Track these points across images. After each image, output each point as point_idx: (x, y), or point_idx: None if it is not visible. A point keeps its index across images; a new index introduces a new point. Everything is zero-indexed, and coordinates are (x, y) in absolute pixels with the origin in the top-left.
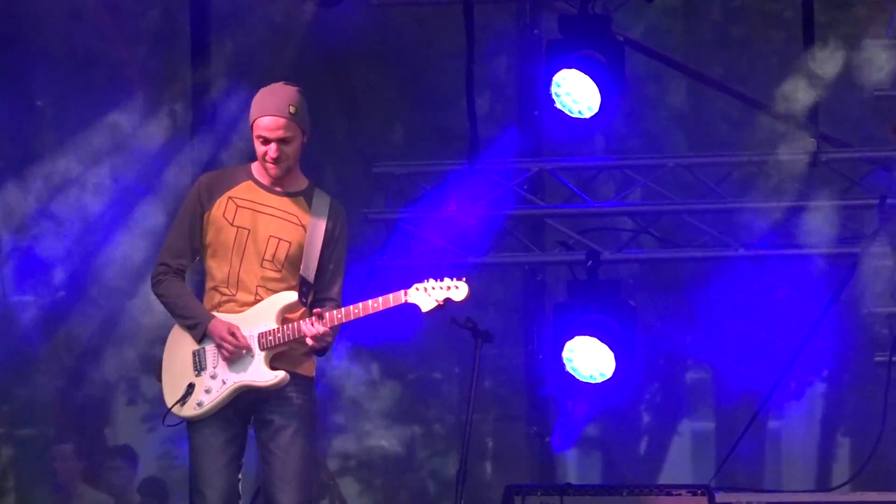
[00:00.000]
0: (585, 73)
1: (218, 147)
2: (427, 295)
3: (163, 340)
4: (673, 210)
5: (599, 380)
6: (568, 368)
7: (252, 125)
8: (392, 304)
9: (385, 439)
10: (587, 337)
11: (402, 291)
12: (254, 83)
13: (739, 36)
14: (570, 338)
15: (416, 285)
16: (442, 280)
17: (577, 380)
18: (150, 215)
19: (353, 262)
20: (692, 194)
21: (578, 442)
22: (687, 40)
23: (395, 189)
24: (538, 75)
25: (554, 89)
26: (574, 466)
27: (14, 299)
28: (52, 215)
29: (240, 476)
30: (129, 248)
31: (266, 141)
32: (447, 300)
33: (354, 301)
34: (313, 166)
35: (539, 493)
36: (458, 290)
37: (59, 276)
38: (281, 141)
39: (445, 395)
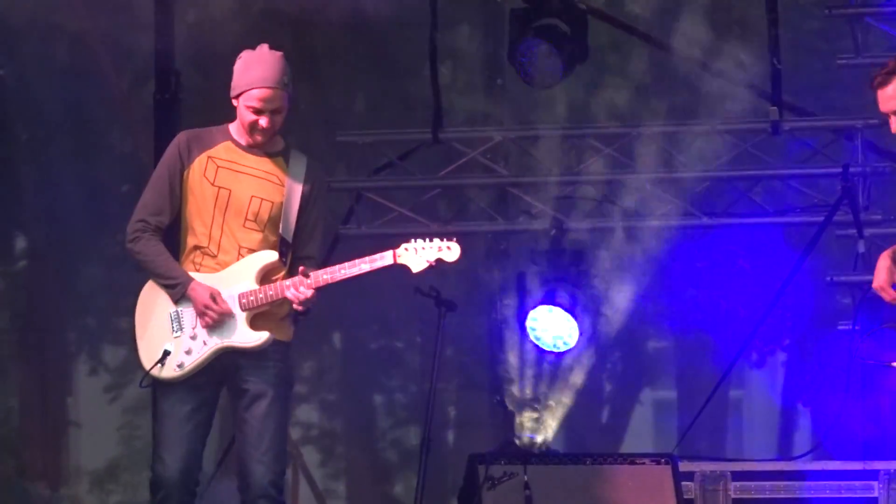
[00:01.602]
0: (548, 42)
1: (183, 113)
2: (417, 255)
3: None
4: (636, 179)
5: (563, 349)
6: (531, 337)
7: (241, 94)
8: (381, 265)
9: (347, 409)
10: (550, 306)
11: (392, 252)
12: (217, 52)
13: (701, 4)
14: (534, 307)
15: (404, 245)
16: (431, 240)
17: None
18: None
19: None
20: (655, 163)
21: (541, 411)
22: (649, 8)
23: (358, 158)
24: (501, 44)
25: (516, 58)
26: (535, 434)
27: None
28: (14, 184)
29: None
30: None
31: (258, 112)
32: (438, 261)
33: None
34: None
35: (502, 462)
36: (450, 251)
37: (19, 244)
38: (273, 112)
39: (408, 364)
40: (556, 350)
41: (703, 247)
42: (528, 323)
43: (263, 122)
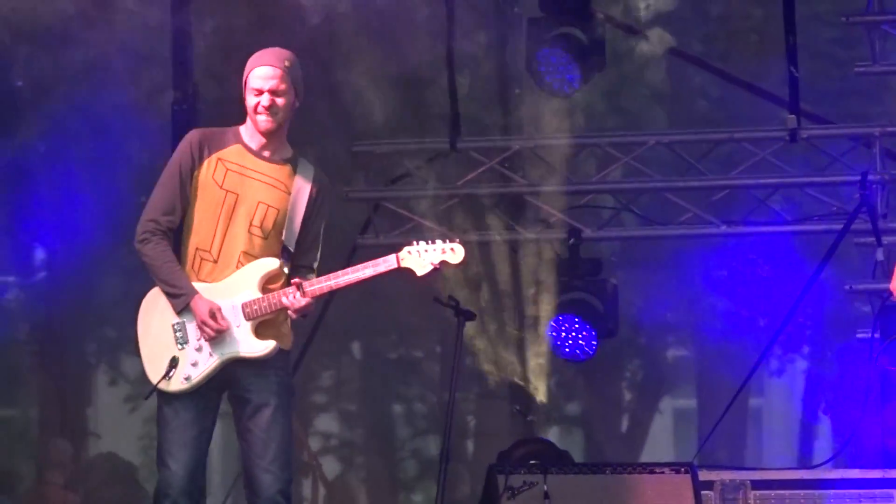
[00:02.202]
0: (566, 51)
1: (200, 123)
2: (420, 258)
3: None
4: (654, 188)
5: (582, 357)
6: (550, 347)
7: (245, 82)
8: (384, 270)
9: (367, 418)
10: (569, 315)
11: (395, 256)
12: (235, 62)
13: (718, 13)
14: (552, 316)
15: (407, 248)
16: (433, 242)
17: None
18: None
19: (334, 241)
20: (673, 172)
21: (560, 420)
22: (666, 17)
23: (375, 168)
24: (519, 53)
25: (534, 67)
26: (556, 444)
27: None
28: (34, 196)
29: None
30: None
31: (259, 92)
32: (443, 263)
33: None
34: (293, 144)
35: (522, 472)
36: (454, 252)
37: (38, 255)
38: (274, 92)
39: (427, 374)
40: (574, 359)
41: (721, 255)
42: (547, 332)
43: (265, 100)
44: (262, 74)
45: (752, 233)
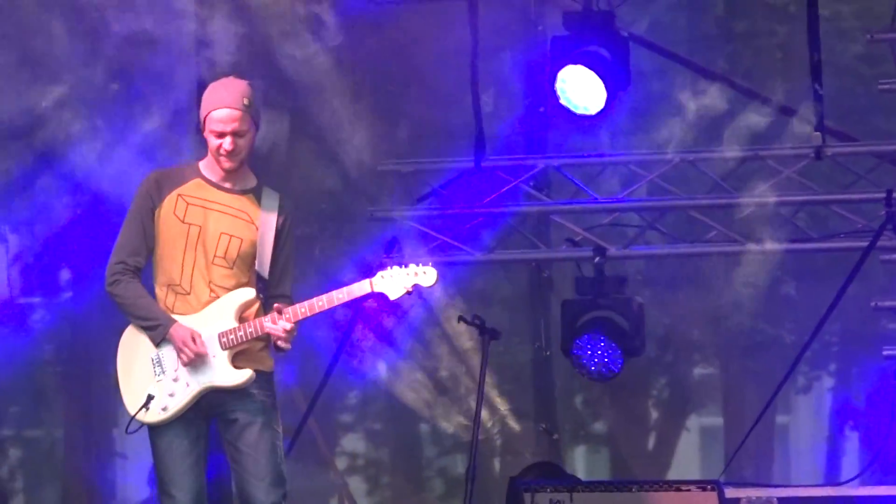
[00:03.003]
0: (590, 69)
1: None
2: (393, 282)
3: None
4: (679, 205)
5: (608, 376)
6: (576, 364)
7: (204, 120)
8: (358, 295)
9: (393, 438)
10: (595, 333)
11: (367, 281)
12: (258, 78)
13: (743, 30)
14: (578, 334)
15: (380, 273)
16: (406, 266)
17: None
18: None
19: (359, 260)
20: (698, 189)
21: (586, 438)
22: (691, 35)
23: (400, 187)
24: (543, 71)
25: (558, 85)
26: (582, 462)
27: (21, 301)
28: (60, 218)
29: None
30: None
31: (221, 134)
32: (416, 286)
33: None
34: (318, 165)
35: (549, 490)
36: (426, 275)
37: (65, 276)
38: (235, 134)
39: (453, 393)
40: (601, 377)
41: (747, 273)
42: (573, 350)
43: (227, 144)
44: (222, 117)
45: (777, 250)
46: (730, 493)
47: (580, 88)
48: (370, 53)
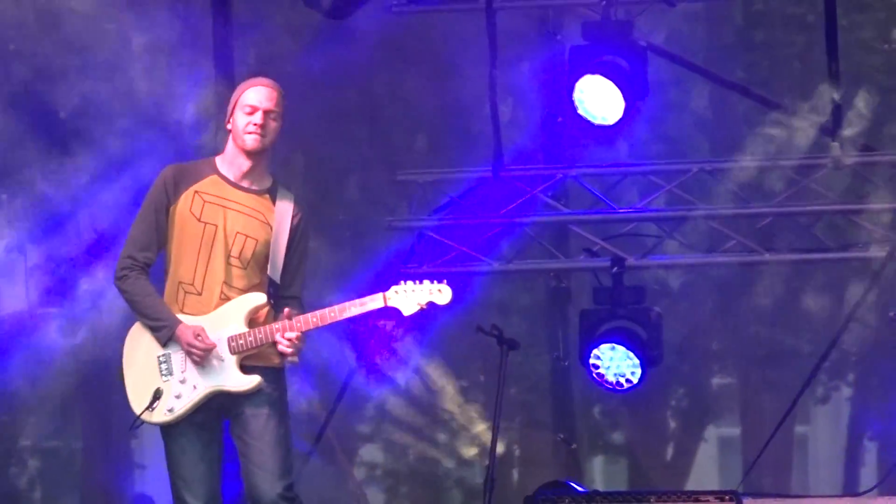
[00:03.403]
0: (608, 79)
1: None
2: (407, 298)
3: None
4: (697, 215)
5: (626, 386)
6: (594, 375)
7: (235, 103)
8: (371, 309)
9: (411, 448)
10: (613, 343)
11: (382, 295)
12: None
13: (761, 40)
14: (596, 344)
15: (394, 288)
16: (421, 282)
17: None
18: None
19: (377, 269)
20: (716, 200)
21: (605, 448)
22: (709, 45)
23: (418, 197)
24: (561, 81)
25: (577, 95)
26: (600, 473)
27: (40, 312)
28: (77, 227)
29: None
30: None
31: (253, 110)
32: (430, 304)
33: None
34: (337, 174)
35: (567, 500)
36: (441, 294)
37: (83, 286)
38: (268, 112)
39: (471, 403)
40: (618, 388)
41: (765, 283)
42: (591, 360)
43: (258, 117)
44: (258, 93)
45: (795, 260)
46: (748, 503)
47: (598, 98)
48: (388, 63)
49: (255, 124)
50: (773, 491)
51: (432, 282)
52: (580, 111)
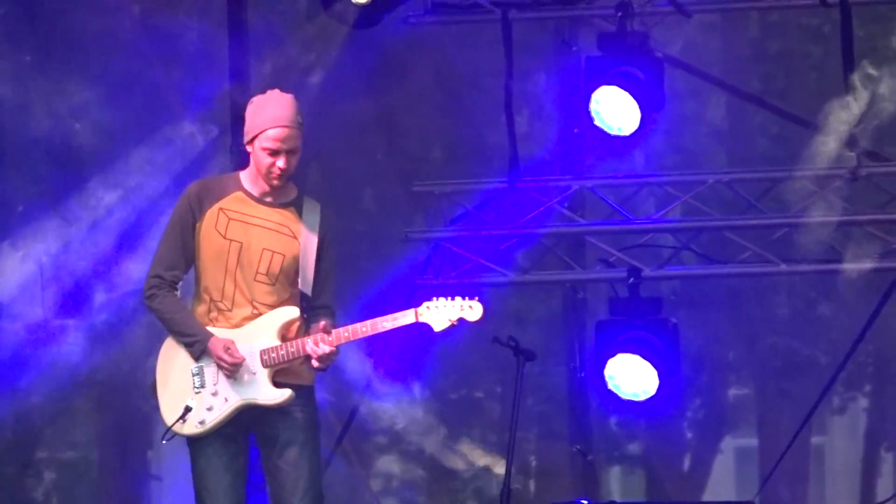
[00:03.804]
0: (624, 90)
1: None
2: (439, 314)
3: None
4: (713, 226)
5: (642, 397)
6: (610, 386)
7: (256, 136)
8: (402, 324)
9: (428, 459)
10: (629, 354)
11: (413, 311)
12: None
13: (777, 51)
14: (612, 355)
15: (426, 304)
16: (453, 298)
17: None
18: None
19: (393, 281)
20: (732, 210)
21: (621, 460)
22: (725, 55)
23: (435, 208)
24: (577, 92)
25: (593, 106)
26: (618, 484)
27: (56, 323)
28: (93, 239)
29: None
30: None
31: (274, 153)
32: (461, 320)
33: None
34: (353, 185)
35: None
36: (472, 310)
37: (99, 298)
38: (289, 152)
39: (487, 414)
40: (635, 399)
41: (782, 293)
42: (607, 372)
43: (281, 163)
44: (278, 136)
45: (811, 271)
46: None
47: (614, 109)
48: (404, 74)
49: (279, 168)
50: (790, 502)
51: (464, 298)
52: (596, 122)
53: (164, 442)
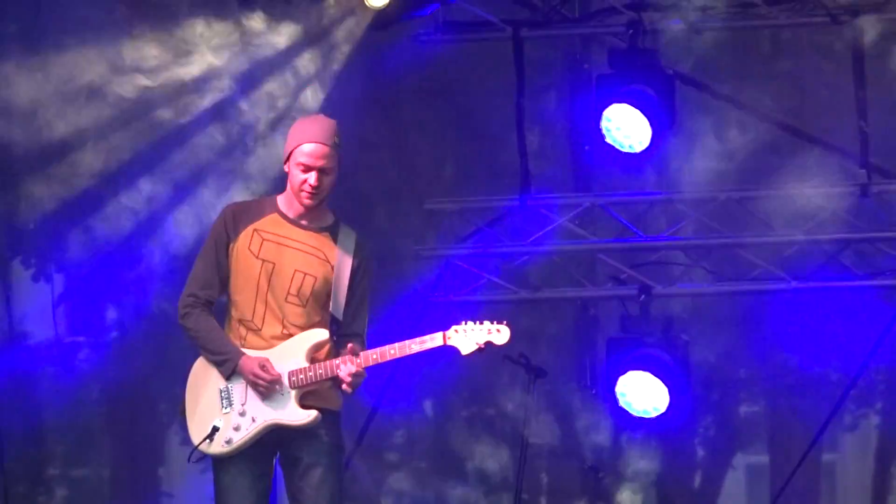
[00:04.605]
0: (635, 107)
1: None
2: (467, 338)
3: None
4: (724, 244)
5: (653, 414)
6: (621, 403)
7: (291, 153)
8: (430, 346)
9: (439, 476)
10: (640, 371)
11: (442, 334)
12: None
13: (789, 68)
14: (623, 372)
15: (454, 327)
16: (481, 323)
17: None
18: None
19: (405, 298)
20: (744, 228)
21: (633, 476)
22: (736, 73)
23: (446, 225)
24: (588, 110)
25: (604, 124)
26: (629, 501)
27: (67, 340)
28: (103, 258)
29: None
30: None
31: (307, 168)
32: (488, 343)
33: (400, 338)
34: (365, 203)
35: None
36: (499, 333)
37: (110, 315)
38: (322, 170)
39: (499, 431)
40: (646, 416)
41: (792, 310)
42: (619, 388)
43: (312, 179)
44: (312, 152)
45: (823, 287)
46: None
47: (626, 127)
48: (416, 92)
49: (310, 185)
50: None
51: (492, 322)
52: (608, 140)
53: (189, 462)
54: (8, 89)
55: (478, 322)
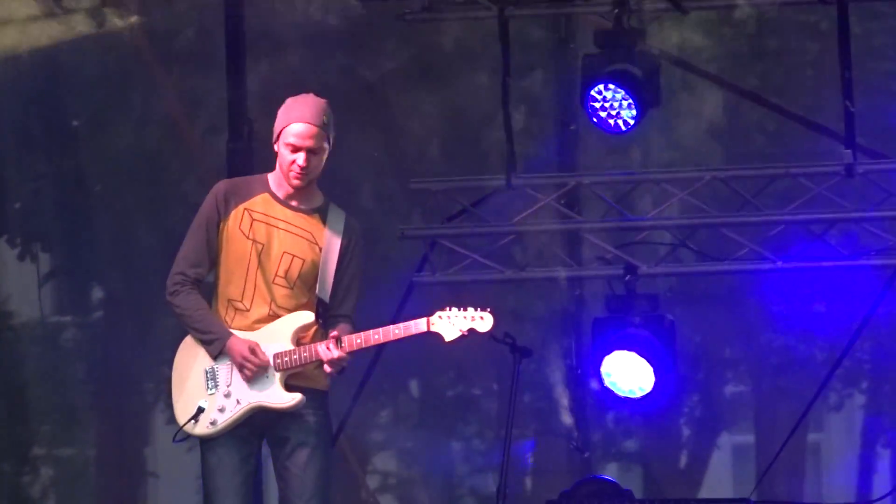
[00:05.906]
0: (621, 87)
1: (256, 162)
2: (450, 324)
3: None
4: (710, 223)
5: (639, 394)
6: (607, 383)
7: (280, 133)
8: (414, 332)
9: (425, 456)
10: (626, 351)
11: (425, 319)
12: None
13: (774, 48)
14: (609, 352)
15: (438, 313)
16: (465, 309)
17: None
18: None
19: (391, 278)
20: (729, 207)
21: (618, 456)
22: (722, 53)
23: (432, 205)
24: (574, 89)
25: (590, 103)
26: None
27: (52, 320)
28: (90, 235)
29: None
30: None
31: (295, 149)
32: (471, 330)
33: (385, 318)
34: (350, 183)
35: None
36: (482, 321)
37: (96, 295)
38: (310, 151)
39: (484, 411)
40: (631, 396)
41: (778, 291)
42: (604, 368)
43: (300, 160)
44: (300, 132)
45: (808, 268)
46: None
47: (611, 107)
48: (402, 72)
49: (299, 166)
50: (786, 498)
51: (476, 309)
52: (592, 119)
53: (174, 442)
54: None
55: (461, 308)
